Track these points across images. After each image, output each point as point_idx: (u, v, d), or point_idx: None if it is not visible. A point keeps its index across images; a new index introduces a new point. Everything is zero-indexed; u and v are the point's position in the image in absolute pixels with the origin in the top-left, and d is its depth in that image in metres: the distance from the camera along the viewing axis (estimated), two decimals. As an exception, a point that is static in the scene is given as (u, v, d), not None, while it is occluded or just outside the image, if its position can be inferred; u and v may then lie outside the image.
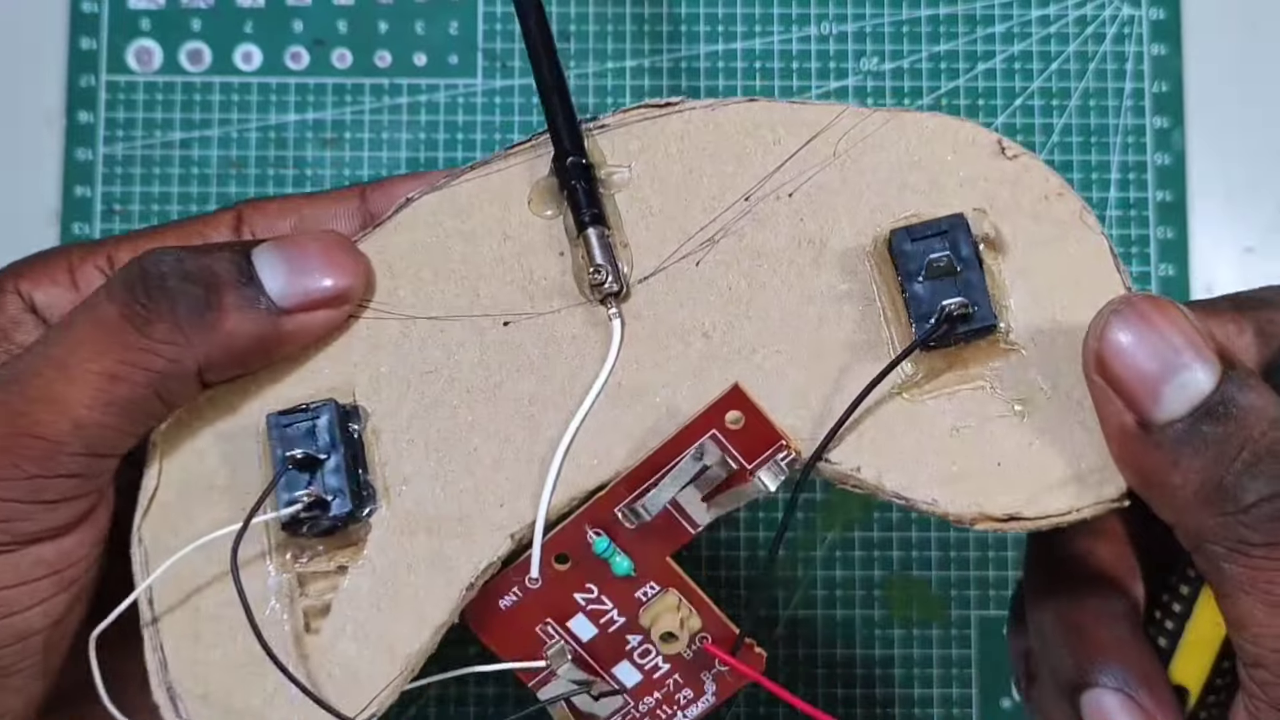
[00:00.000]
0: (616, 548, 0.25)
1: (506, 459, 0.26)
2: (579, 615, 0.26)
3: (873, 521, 0.42)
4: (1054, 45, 0.44)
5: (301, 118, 0.43)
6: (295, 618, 0.25)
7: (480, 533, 0.25)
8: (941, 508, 0.25)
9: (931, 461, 0.25)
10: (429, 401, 0.26)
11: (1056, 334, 0.25)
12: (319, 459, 0.25)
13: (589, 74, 0.44)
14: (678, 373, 0.26)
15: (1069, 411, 0.24)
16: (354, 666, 0.25)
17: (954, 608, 0.42)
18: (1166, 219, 0.43)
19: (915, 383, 0.25)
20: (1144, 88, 0.44)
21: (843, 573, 0.42)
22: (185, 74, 0.44)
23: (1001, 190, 0.26)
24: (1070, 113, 0.44)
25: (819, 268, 0.26)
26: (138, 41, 0.44)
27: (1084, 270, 0.25)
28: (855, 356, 0.25)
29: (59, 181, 0.43)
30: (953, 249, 0.24)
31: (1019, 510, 0.24)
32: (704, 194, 0.26)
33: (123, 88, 0.43)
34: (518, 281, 0.26)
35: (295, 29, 0.44)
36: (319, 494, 0.24)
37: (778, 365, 0.25)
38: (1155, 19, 0.44)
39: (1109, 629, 0.24)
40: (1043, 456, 0.24)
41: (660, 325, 0.26)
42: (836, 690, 0.41)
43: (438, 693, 0.41)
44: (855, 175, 0.26)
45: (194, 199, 0.43)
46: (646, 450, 0.25)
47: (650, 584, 0.26)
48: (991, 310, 0.24)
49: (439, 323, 0.26)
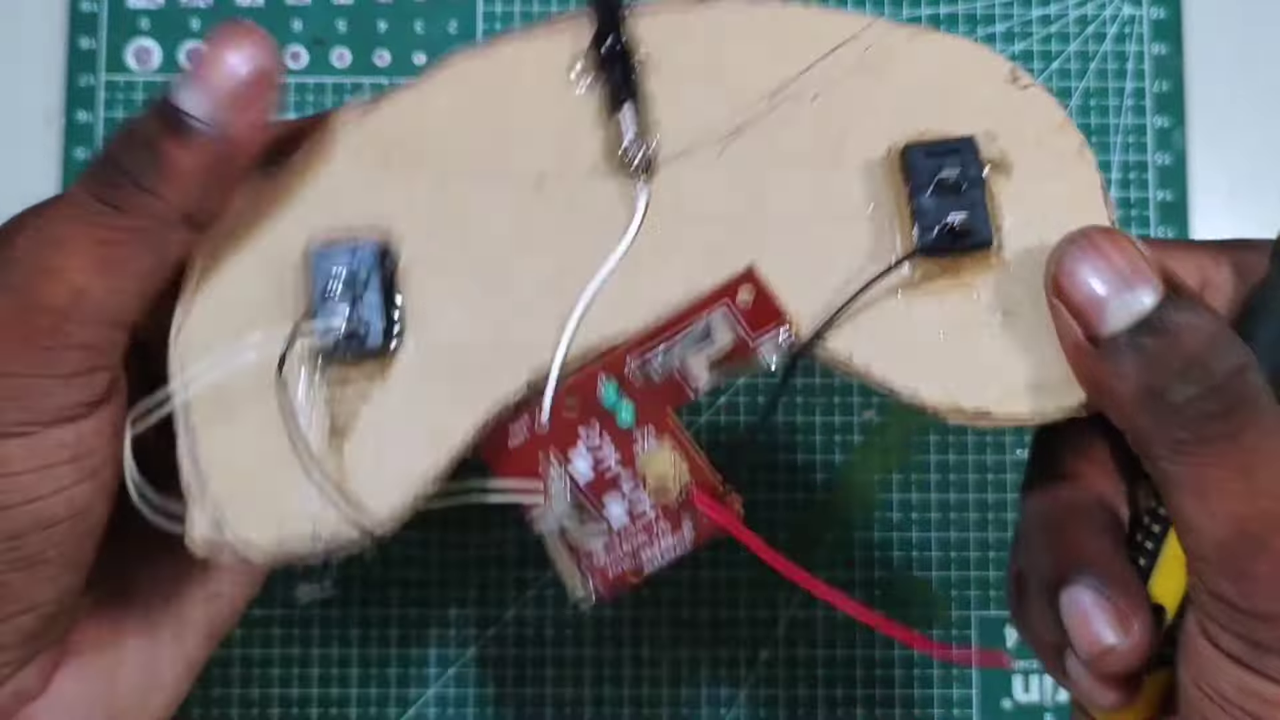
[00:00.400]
0: (623, 397, 0.27)
1: (529, 308, 0.27)
2: (580, 458, 0.28)
3: (873, 521, 0.42)
4: (1055, 45, 0.44)
5: (301, 116, 0.43)
6: (322, 430, 0.27)
7: (499, 372, 0.27)
8: (920, 396, 0.27)
9: (917, 355, 0.27)
10: (460, 248, 0.27)
11: (1042, 256, 0.26)
12: (356, 290, 0.26)
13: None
14: (693, 250, 0.27)
15: (1043, 327, 0.26)
16: (372, 480, 0.27)
17: (954, 608, 0.42)
18: (1167, 218, 0.43)
19: (912, 284, 0.27)
20: (1145, 87, 0.44)
21: (843, 573, 0.42)
22: (184, 73, 0.44)
23: (1010, 118, 0.27)
24: (1071, 112, 0.43)
25: (835, 170, 0.28)
26: (137, 41, 0.44)
27: (1075, 201, 0.27)
28: (859, 255, 0.27)
29: (58, 181, 0.43)
30: (962, 168, 0.27)
31: (988, 408, 0.27)
32: (733, 87, 0.28)
33: (122, 87, 0.43)
34: (551, 148, 0.28)
35: (294, 28, 0.44)
36: (354, 322, 0.26)
37: (788, 257, 0.27)
38: (1156, 18, 0.44)
39: (1092, 539, 0.26)
40: (1016, 363, 0.27)
41: (681, 205, 0.28)
42: (836, 690, 0.42)
43: (437, 693, 0.41)
44: (877, 87, 0.28)
45: (193, 198, 0.43)
46: (662, 315, 0.27)
47: (649, 436, 0.28)
48: (989, 228, 0.26)
49: (475, 177, 0.28)
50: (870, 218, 0.27)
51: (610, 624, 0.42)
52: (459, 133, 0.28)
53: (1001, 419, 0.27)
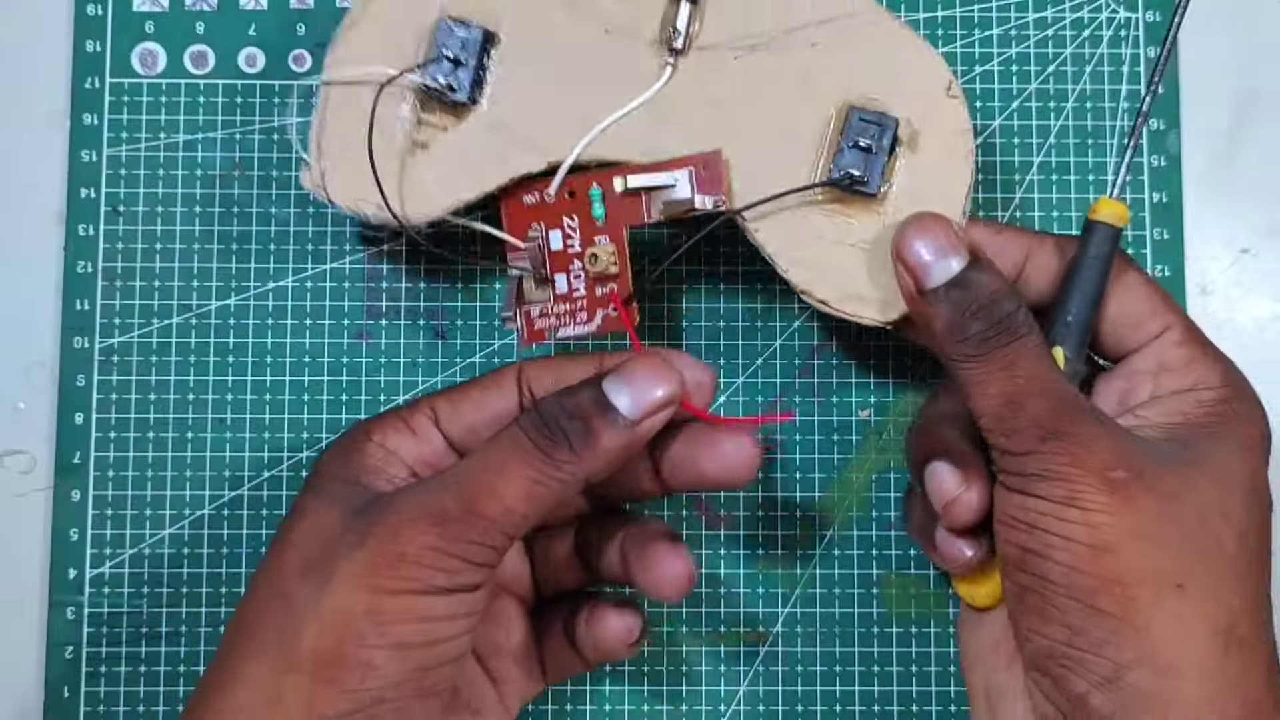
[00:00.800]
0: (602, 200, 0.38)
1: (567, 113, 0.38)
2: (558, 230, 0.38)
3: (871, 520, 0.42)
4: (1051, 47, 0.44)
5: (305, 120, 0.44)
6: (406, 142, 0.38)
7: (531, 149, 0.38)
8: (790, 276, 0.37)
9: (800, 247, 0.37)
10: (538, 55, 0.38)
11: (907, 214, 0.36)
12: (461, 57, 0.37)
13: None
14: (691, 119, 0.38)
15: (884, 263, 0.36)
16: (427, 188, 0.38)
17: (954, 607, 0.42)
18: (1161, 220, 0.44)
19: (815, 200, 0.37)
20: (1140, 89, 0.44)
21: (842, 571, 0.42)
22: (189, 76, 0.44)
23: (933, 114, 0.37)
24: (1067, 114, 0.44)
25: (804, 101, 0.38)
26: (142, 44, 0.44)
27: (946, 188, 0.37)
28: (795, 166, 0.37)
29: (63, 183, 0.43)
30: (878, 138, 0.37)
31: (831, 301, 0.37)
32: (761, 16, 0.38)
33: (127, 90, 0.44)
34: (625, 11, 0.38)
35: (298, 31, 0.44)
36: (452, 79, 0.37)
37: (751, 148, 0.37)
38: (1151, 21, 0.44)
39: (946, 433, 0.36)
40: (858, 277, 0.37)
41: (694, 84, 0.38)
42: (836, 689, 0.42)
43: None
44: (856, 55, 0.38)
45: (197, 200, 0.43)
46: (652, 158, 0.37)
47: (606, 236, 0.38)
48: (878, 184, 0.37)
49: (569, 8, 0.38)
50: (814, 144, 0.37)
51: (611, 622, 0.42)
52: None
53: (835, 311, 0.37)
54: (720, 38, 0.37)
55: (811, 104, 0.37)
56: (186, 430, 0.42)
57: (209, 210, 0.43)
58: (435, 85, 0.37)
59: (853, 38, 0.37)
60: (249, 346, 0.43)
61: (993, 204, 0.43)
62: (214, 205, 0.43)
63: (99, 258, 0.43)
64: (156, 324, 0.43)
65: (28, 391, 0.43)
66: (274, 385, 0.43)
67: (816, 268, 0.37)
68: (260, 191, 0.43)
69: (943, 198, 0.37)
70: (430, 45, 0.37)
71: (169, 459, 0.42)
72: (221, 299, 0.43)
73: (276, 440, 0.42)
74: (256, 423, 0.42)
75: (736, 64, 0.37)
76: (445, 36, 0.37)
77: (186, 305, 0.43)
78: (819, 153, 0.37)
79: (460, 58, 0.37)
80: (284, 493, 0.42)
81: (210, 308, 0.43)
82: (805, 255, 0.37)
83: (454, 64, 0.37)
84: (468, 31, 0.37)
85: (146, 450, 0.42)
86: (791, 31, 0.37)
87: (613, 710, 0.41)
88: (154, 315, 0.43)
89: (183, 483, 0.42)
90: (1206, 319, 0.43)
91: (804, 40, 0.37)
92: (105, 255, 0.43)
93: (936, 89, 0.37)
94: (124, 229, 0.43)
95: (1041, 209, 0.43)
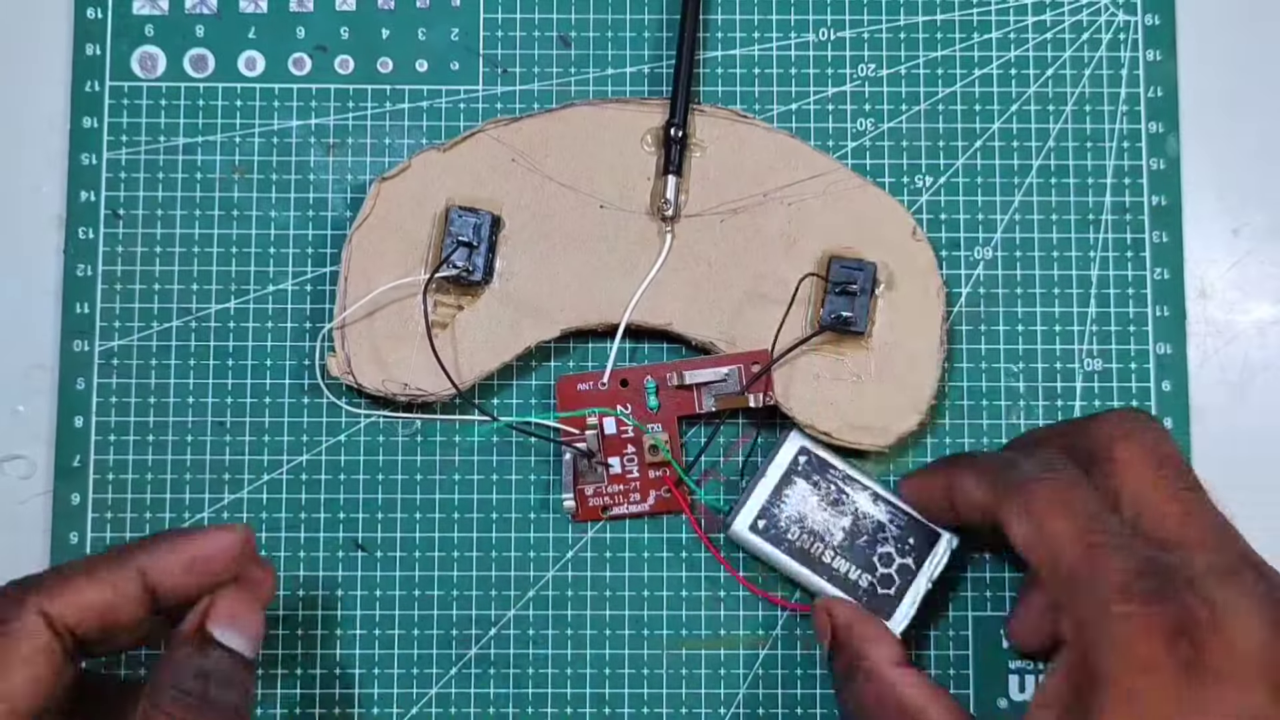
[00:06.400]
0: (656, 392, 0.41)
1: (574, 286, 0.41)
2: (610, 419, 0.41)
3: (871, 523, 0.42)
4: (1050, 50, 0.44)
5: (304, 123, 0.44)
6: (426, 324, 0.40)
7: (543, 320, 0.41)
8: (794, 412, 0.41)
9: (803, 388, 0.41)
10: (542, 233, 0.41)
11: (893, 348, 0.41)
12: (473, 242, 0.41)
13: (589, 78, 0.44)
14: (686, 280, 0.41)
15: (882, 394, 0.41)
16: (449, 364, 0.41)
17: (953, 608, 0.42)
18: (1161, 223, 0.44)
19: (812, 346, 0.41)
20: (1139, 92, 0.44)
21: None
22: (189, 79, 0.44)
23: (902, 257, 0.42)
24: (1066, 117, 0.44)
25: (786, 256, 0.42)
26: (141, 47, 0.44)
27: (922, 320, 0.41)
28: (786, 314, 0.41)
29: (63, 186, 0.43)
30: (860, 282, 0.41)
31: (834, 433, 0.41)
32: (741, 180, 0.42)
33: (126, 93, 0.44)
34: (617, 185, 0.42)
35: (298, 35, 0.44)
36: (468, 265, 0.41)
37: (742, 301, 0.41)
38: (1150, 24, 0.44)
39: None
40: (857, 409, 0.41)
41: (687, 247, 0.42)
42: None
43: (438, 693, 0.41)
44: (829, 210, 0.42)
45: (197, 203, 0.43)
46: (654, 317, 0.41)
47: (659, 422, 0.41)
48: (865, 323, 0.41)
49: (564, 188, 0.42)
50: (801, 293, 0.41)
51: (610, 624, 0.42)
52: (562, 156, 0.42)
53: (839, 442, 0.41)
54: (705, 204, 0.42)
55: (793, 257, 0.41)
56: (186, 433, 0.42)
57: (209, 213, 0.43)
58: (456, 270, 0.40)
59: (823, 194, 0.42)
60: (249, 350, 0.43)
61: (991, 208, 0.43)
62: (214, 208, 0.43)
63: (99, 261, 0.43)
64: (156, 327, 0.43)
65: (27, 394, 0.43)
66: (273, 389, 0.43)
67: (816, 404, 0.41)
68: (260, 195, 0.43)
69: (921, 330, 0.41)
70: (441, 230, 0.41)
71: (169, 462, 0.42)
72: (221, 302, 0.43)
73: (276, 444, 0.42)
74: (256, 426, 0.42)
75: (722, 226, 0.41)
76: (458, 223, 0.41)
77: (186, 308, 0.43)
78: (808, 302, 0.41)
79: (473, 241, 0.40)
80: (283, 496, 0.42)
81: (210, 311, 0.43)
82: (805, 393, 0.41)
83: (468, 248, 0.40)
84: (477, 217, 0.41)
85: (146, 453, 0.42)
86: (768, 194, 0.41)
87: (612, 713, 0.41)
88: (154, 318, 0.43)
89: (182, 486, 0.42)
90: (1206, 322, 0.43)
91: (781, 199, 0.41)
92: (105, 258, 0.43)
93: (903, 234, 0.41)
94: (124, 232, 0.43)
95: (1040, 212, 0.43)
